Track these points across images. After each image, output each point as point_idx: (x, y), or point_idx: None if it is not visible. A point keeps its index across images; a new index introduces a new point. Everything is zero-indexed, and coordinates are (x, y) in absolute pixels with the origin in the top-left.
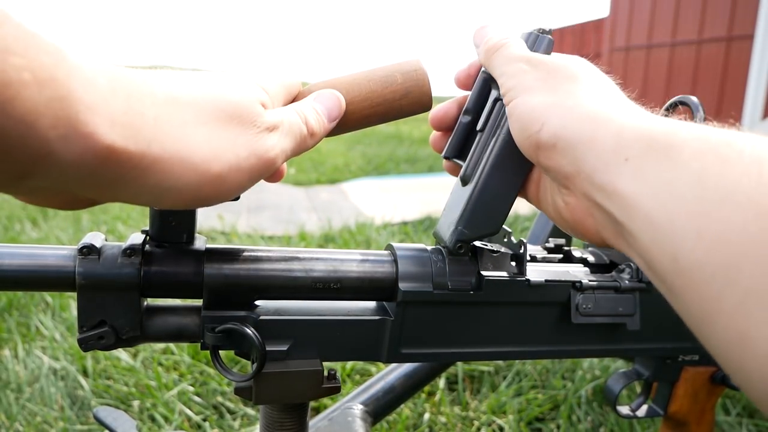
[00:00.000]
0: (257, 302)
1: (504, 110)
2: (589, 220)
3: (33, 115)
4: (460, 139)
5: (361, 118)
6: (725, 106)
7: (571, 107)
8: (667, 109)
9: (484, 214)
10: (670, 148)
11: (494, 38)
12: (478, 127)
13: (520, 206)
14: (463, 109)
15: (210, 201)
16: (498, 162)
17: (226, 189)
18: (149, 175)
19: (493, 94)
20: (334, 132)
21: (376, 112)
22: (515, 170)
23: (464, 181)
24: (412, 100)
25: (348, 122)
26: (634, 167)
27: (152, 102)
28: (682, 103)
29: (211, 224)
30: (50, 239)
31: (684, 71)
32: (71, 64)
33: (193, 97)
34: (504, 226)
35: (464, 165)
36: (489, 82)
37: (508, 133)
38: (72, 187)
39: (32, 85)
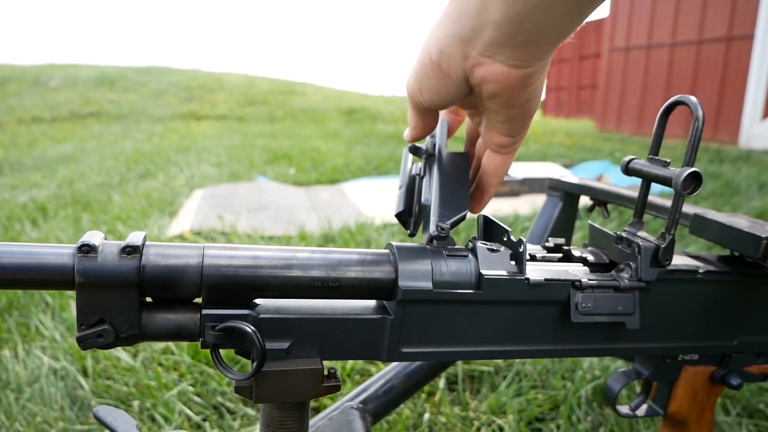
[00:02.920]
0: (257, 301)
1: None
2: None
3: None
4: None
5: None
6: (725, 106)
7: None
8: (666, 109)
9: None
10: None
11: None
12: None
13: (520, 206)
14: (399, 185)
15: None
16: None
17: None
18: None
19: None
20: None
21: None
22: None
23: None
24: None
25: None
26: None
27: None
28: (681, 102)
29: (211, 224)
30: (50, 239)
31: (684, 71)
32: None
33: None
34: (503, 225)
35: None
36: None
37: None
38: None
39: None
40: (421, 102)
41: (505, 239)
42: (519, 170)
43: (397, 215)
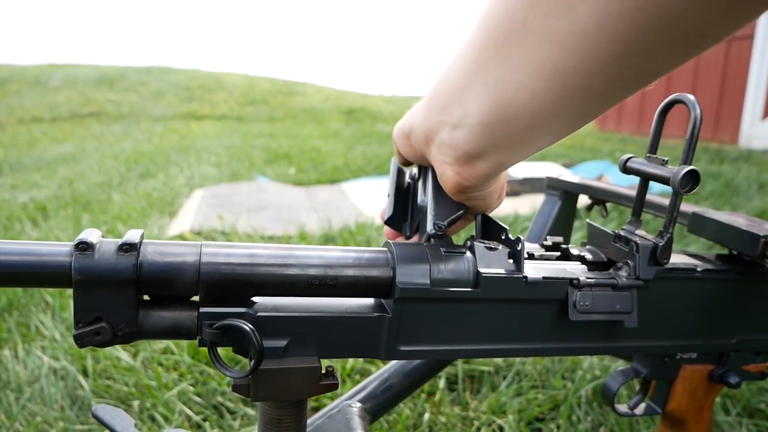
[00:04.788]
0: (255, 299)
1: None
2: None
3: None
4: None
5: None
6: (725, 106)
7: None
8: (664, 108)
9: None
10: None
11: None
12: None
13: (520, 206)
14: (387, 192)
15: None
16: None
17: None
18: None
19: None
20: None
21: None
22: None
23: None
24: None
25: None
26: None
27: None
28: (679, 101)
29: (211, 224)
30: (50, 239)
31: (684, 71)
32: None
33: None
34: (501, 224)
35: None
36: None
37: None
38: None
39: None
40: (398, 151)
41: (503, 237)
42: (519, 170)
43: (387, 221)
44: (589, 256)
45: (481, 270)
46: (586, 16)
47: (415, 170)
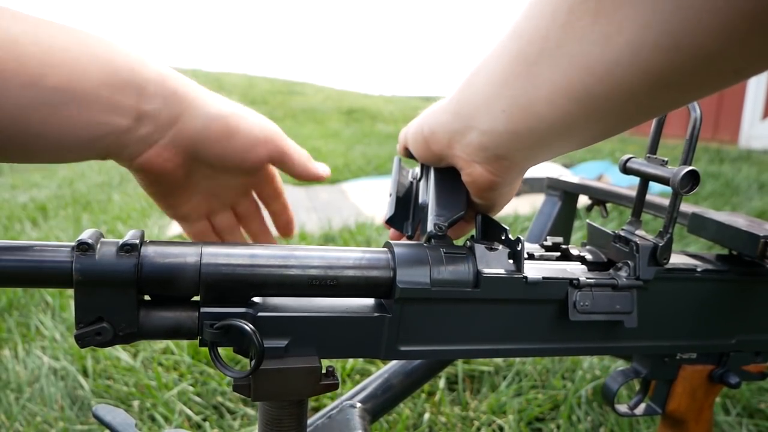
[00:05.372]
0: (256, 299)
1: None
2: None
3: None
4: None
5: None
6: (725, 107)
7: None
8: None
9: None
10: None
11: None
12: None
13: (520, 206)
14: (389, 192)
15: None
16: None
17: None
18: None
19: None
20: None
21: None
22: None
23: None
24: None
25: None
26: None
27: None
28: None
29: None
30: (50, 239)
31: None
32: None
33: None
34: (501, 224)
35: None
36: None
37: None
38: None
39: None
40: (404, 148)
41: (503, 238)
42: None
43: (388, 221)
44: (589, 257)
45: (482, 270)
46: (619, 47)
47: (417, 170)
